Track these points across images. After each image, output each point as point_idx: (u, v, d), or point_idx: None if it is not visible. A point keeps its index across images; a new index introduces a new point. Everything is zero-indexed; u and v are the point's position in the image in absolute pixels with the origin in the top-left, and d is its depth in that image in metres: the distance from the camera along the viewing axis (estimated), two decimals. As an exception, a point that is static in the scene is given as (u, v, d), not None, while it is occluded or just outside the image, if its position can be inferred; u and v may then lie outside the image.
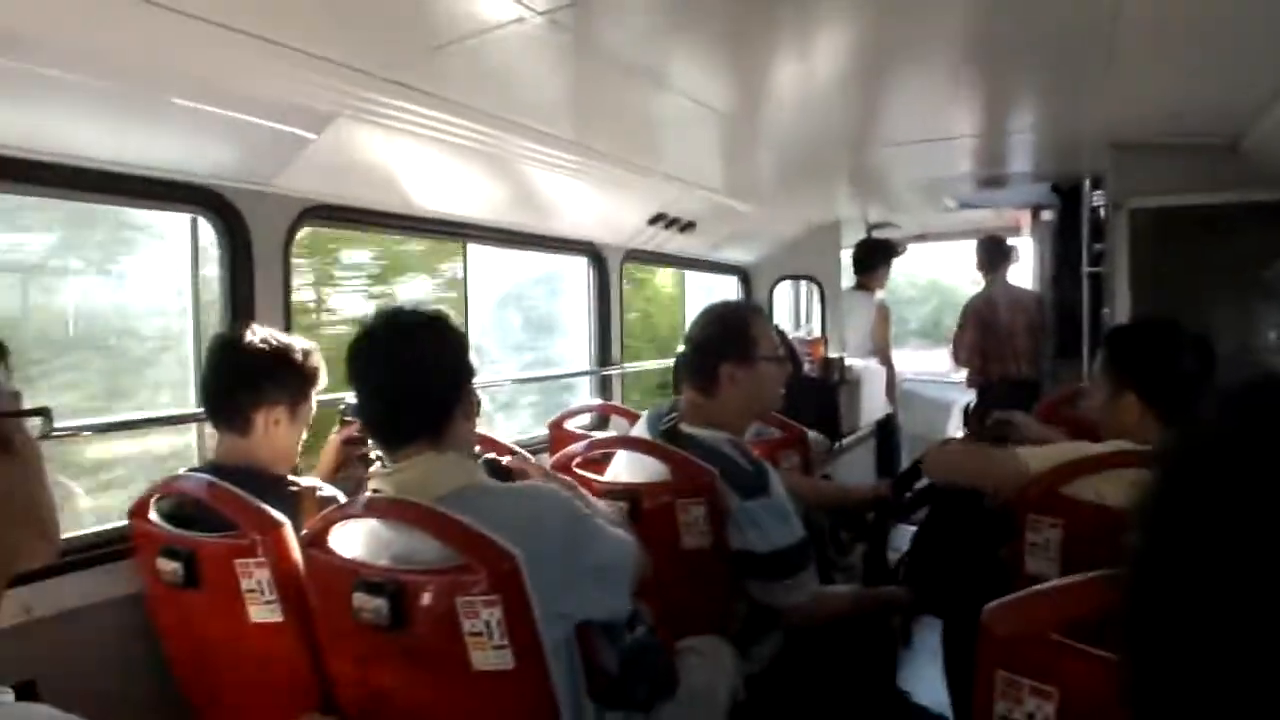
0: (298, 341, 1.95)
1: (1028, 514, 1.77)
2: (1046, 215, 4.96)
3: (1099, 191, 3.73)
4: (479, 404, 1.60)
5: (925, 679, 2.95)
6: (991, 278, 4.92)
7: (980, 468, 1.98)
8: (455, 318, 1.63)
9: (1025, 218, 5.44)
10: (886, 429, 5.19)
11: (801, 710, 2.00)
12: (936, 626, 2.90)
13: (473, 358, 1.60)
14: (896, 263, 5.32)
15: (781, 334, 2.64)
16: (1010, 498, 1.85)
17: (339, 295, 4.24)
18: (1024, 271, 5.28)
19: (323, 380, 1.99)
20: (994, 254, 4.94)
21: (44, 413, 0.91)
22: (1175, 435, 0.62)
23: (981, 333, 4.80)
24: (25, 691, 0.97)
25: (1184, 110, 2.79)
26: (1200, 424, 0.61)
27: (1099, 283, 3.74)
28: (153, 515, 1.82)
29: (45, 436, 0.92)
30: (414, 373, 1.50)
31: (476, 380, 1.60)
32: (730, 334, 2.11)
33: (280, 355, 1.90)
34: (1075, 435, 2.23)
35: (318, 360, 1.96)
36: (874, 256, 5.15)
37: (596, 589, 1.49)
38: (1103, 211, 3.64)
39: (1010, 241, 5.18)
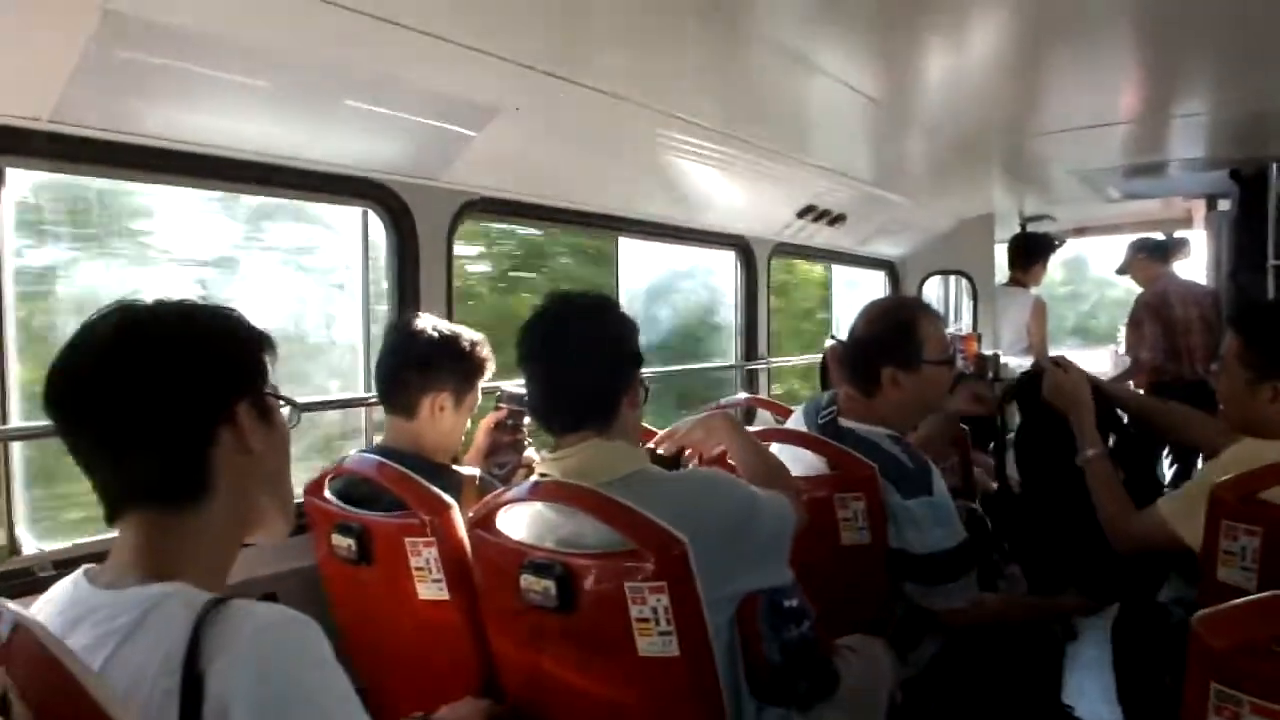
0: (466, 332, 2.01)
1: (1221, 520, 1.64)
2: (1223, 204, 4.62)
3: (1290, 177, 3.45)
4: (647, 392, 1.59)
5: (1087, 694, 2.80)
6: (1159, 273, 4.62)
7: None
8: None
9: (1198, 208, 5.10)
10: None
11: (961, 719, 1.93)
12: (1094, 640, 2.75)
13: None
14: (1053, 257, 5.06)
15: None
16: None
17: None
18: (1196, 267, 4.94)
19: (489, 372, 2.03)
20: (1153, 251, 4.66)
21: (295, 404, 0.99)
22: None
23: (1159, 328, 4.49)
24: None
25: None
26: None
27: (1288, 277, 3.46)
28: (327, 494, 1.90)
29: (293, 425, 1.00)
30: (584, 357, 1.50)
31: None
32: (897, 335, 2.02)
33: (449, 343, 1.96)
34: None
35: (486, 352, 2.01)
36: (1029, 251, 4.91)
37: (759, 564, 1.47)
38: (1293, 198, 3.36)
39: (1180, 235, 4.88)
